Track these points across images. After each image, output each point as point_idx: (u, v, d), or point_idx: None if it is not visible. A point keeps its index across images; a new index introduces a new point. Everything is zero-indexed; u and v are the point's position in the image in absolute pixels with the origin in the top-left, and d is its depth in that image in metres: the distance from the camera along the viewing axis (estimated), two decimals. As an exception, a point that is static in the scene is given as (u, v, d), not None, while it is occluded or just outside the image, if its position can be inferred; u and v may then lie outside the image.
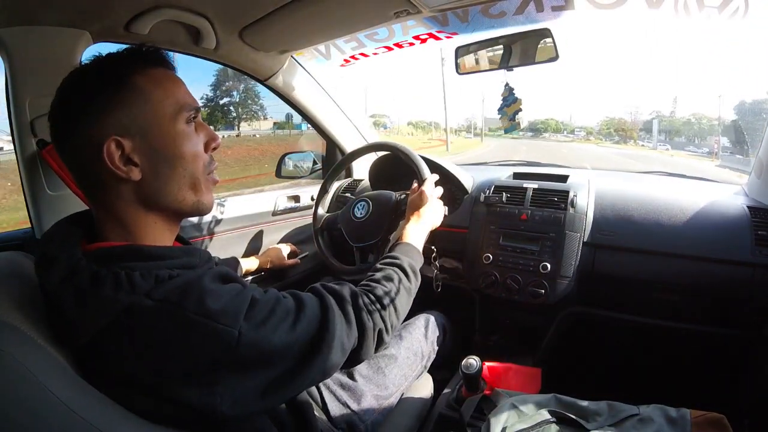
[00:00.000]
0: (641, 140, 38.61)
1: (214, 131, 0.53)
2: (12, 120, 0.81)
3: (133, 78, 0.46)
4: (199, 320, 0.39)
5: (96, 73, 0.46)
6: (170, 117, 0.47)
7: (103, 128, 0.44)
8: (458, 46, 1.12)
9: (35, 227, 0.85)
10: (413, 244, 0.77)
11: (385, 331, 0.59)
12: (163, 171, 0.47)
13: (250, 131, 17.43)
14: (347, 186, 1.41)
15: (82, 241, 0.46)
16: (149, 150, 0.46)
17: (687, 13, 0.84)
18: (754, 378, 0.95)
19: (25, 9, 0.74)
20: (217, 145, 0.53)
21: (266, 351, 0.43)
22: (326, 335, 0.48)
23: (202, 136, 0.51)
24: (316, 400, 0.74)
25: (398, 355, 0.87)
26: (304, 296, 0.51)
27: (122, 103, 0.45)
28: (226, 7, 0.88)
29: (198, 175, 0.50)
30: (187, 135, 0.49)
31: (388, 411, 0.81)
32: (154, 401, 0.40)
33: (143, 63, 0.47)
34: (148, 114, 0.46)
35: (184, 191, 0.49)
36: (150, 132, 0.46)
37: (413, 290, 0.69)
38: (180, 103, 0.48)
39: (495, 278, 1.02)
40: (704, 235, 0.92)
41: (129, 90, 0.45)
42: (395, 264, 0.69)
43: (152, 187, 0.47)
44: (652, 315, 0.99)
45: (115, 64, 0.47)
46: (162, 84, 0.48)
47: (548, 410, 0.67)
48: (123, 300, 0.39)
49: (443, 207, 0.91)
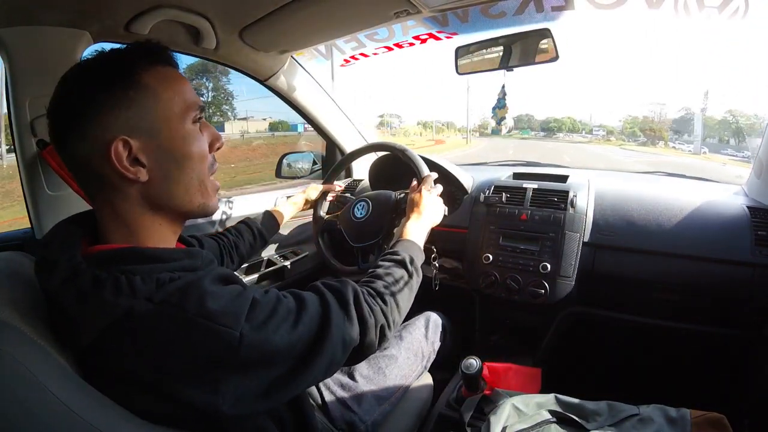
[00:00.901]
0: (672, 141, 34.55)
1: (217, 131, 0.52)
2: (12, 120, 0.81)
3: (140, 75, 0.45)
4: (200, 321, 0.39)
5: (101, 69, 0.45)
6: (179, 116, 0.47)
7: (110, 127, 0.43)
8: (458, 46, 1.12)
9: (35, 227, 0.84)
10: (414, 240, 0.77)
11: (387, 327, 0.58)
12: (171, 172, 0.46)
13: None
14: (347, 186, 1.41)
15: (83, 242, 0.46)
16: (157, 150, 0.45)
17: (687, 13, 0.84)
18: (754, 378, 0.95)
19: (25, 9, 0.74)
20: (220, 145, 0.52)
21: (268, 351, 0.42)
22: (328, 333, 0.48)
23: (206, 136, 0.50)
24: (316, 401, 0.74)
25: (398, 356, 0.87)
26: (304, 295, 0.50)
27: (130, 102, 0.44)
28: (226, 7, 0.88)
29: (204, 177, 0.49)
30: (195, 135, 0.48)
31: (388, 411, 0.81)
32: (154, 400, 0.40)
33: (149, 60, 0.46)
34: (157, 113, 0.45)
35: (191, 192, 0.48)
36: (159, 132, 0.45)
37: (415, 286, 0.69)
38: (188, 102, 0.48)
39: (495, 278, 1.02)
40: (704, 235, 0.92)
41: (137, 88, 0.44)
42: (396, 260, 0.69)
43: (160, 188, 0.46)
44: (652, 315, 0.99)
45: (121, 60, 0.45)
46: (169, 82, 0.47)
47: (548, 410, 0.67)
48: (123, 304, 0.39)
49: (443, 204, 0.91)
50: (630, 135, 40.85)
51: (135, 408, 0.40)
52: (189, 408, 0.40)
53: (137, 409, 0.40)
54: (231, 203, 1.23)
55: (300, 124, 13.91)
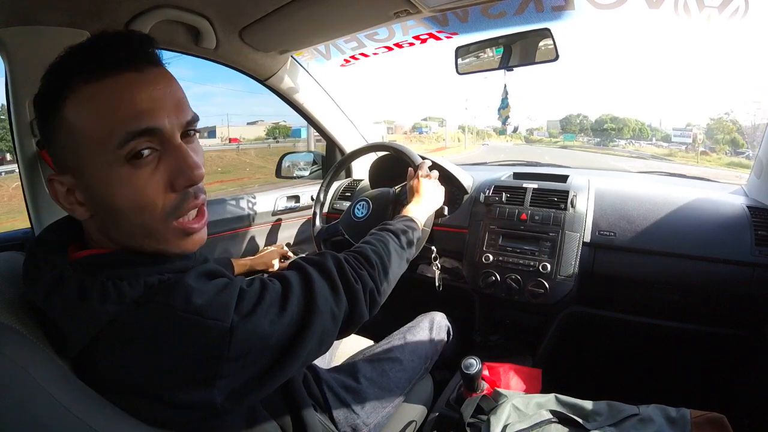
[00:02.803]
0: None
1: (193, 158, 0.41)
2: (12, 120, 0.81)
3: (63, 103, 0.38)
4: (189, 318, 0.38)
5: (39, 95, 0.40)
6: (99, 153, 0.38)
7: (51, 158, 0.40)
8: (458, 46, 1.12)
9: (35, 227, 0.85)
10: (412, 216, 0.76)
11: (377, 292, 0.56)
12: (107, 219, 0.41)
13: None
14: (347, 186, 1.41)
15: (70, 247, 0.44)
16: (86, 192, 0.40)
17: (687, 14, 0.84)
18: (754, 378, 0.95)
19: (25, 9, 0.74)
20: (189, 182, 0.41)
21: (260, 339, 0.41)
22: (314, 308, 0.46)
23: (160, 173, 0.40)
24: (320, 403, 0.74)
25: (403, 359, 0.86)
26: (288, 275, 0.49)
27: (53, 135, 0.39)
28: (226, 7, 0.88)
29: (154, 225, 0.41)
30: (125, 179, 0.38)
31: (390, 413, 0.81)
32: (152, 405, 0.39)
33: (77, 76, 0.37)
34: (75, 150, 0.38)
35: (140, 239, 0.42)
36: (81, 173, 0.39)
37: (405, 254, 0.67)
38: (114, 131, 0.37)
39: (495, 278, 1.02)
40: (704, 235, 0.92)
41: (57, 119, 0.38)
42: (386, 229, 0.68)
43: (106, 228, 0.42)
44: (652, 315, 0.99)
45: (51, 78, 0.39)
46: (91, 105, 0.37)
47: (548, 410, 0.67)
48: (110, 310, 0.38)
49: (441, 187, 0.91)
50: (726, 142, 28.20)
51: (135, 413, 0.39)
52: (188, 410, 0.39)
53: (137, 414, 0.39)
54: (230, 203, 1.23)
55: (303, 128, 12.89)
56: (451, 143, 34.97)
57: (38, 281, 0.40)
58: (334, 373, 0.78)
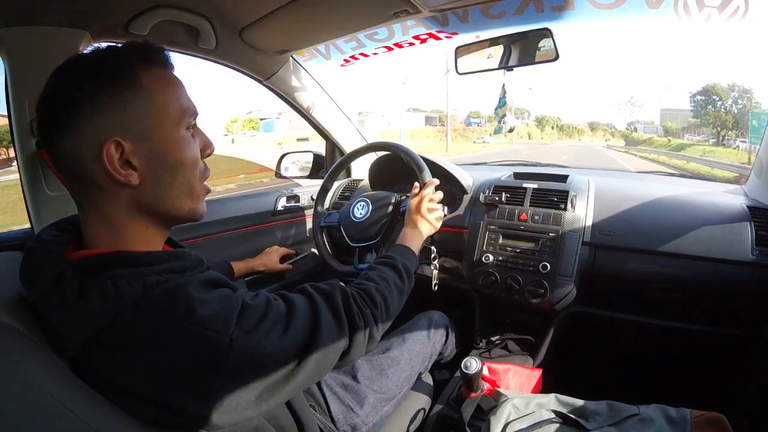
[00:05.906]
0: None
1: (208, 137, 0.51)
2: (12, 120, 0.81)
3: (138, 76, 0.43)
4: (188, 327, 0.38)
5: (99, 66, 0.43)
6: (174, 121, 0.46)
7: (103, 127, 0.41)
8: (458, 46, 1.12)
9: (35, 227, 0.85)
10: (410, 246, 0.78)
11: (377, 330, 0.58)
12: (162, 177, 0.45)
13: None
14: (347, 186, 1.41)
15: (69, 247, 0.45)
16: (150, 154, 0.44)
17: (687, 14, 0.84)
18: (754, 378, 0.95)
19: (25, 9, 0.74)
20: (211, 151, 0.52)
21: (259, 356, 0.41)
22: (318, 338, 0.47)
23: (198, 142, 0.50)
24: (319, 402, 0.74)
25: (401, 358, 0.87)
26: (294, 298, 0.50)
27: (126, 102, 0.42)
28: (226, 7, 0.89)
29: (195, 183, 0.49)
30: (188, 141, 0.47)
31: (389, 412, 0.81)
32: (149, 408, 0.39)
33: (147, 61, 0.45)
34: (153, 116, 0.44)
35: (182, 198, 0.47)
36: (153, 135, 0.44)
37: (406, 291, 0.69)
38: (183, 108, 0.47)
39: (495, 278, 1.02)
40: (704, 235, 0.91)
41: (134, 88, 0.43)
42: (389, 264, 0.69)
43: (150, 192, 0.45)
44: (652, 315, 0.99)
45: (120, 58, 0.44)
46: (166, 85, 0.46)
47: (548, 410, 0.67)
48: (110, 310, 0.38)
49: (443, 211, 0.91)
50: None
51: (133, 413, 0.39)
52: (185, 415, 0.39)
53: (136, 414, 0.39)
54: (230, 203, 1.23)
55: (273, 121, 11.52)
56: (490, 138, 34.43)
57: (37, 281, 0.40)
58: (332, 372, 0.78)
